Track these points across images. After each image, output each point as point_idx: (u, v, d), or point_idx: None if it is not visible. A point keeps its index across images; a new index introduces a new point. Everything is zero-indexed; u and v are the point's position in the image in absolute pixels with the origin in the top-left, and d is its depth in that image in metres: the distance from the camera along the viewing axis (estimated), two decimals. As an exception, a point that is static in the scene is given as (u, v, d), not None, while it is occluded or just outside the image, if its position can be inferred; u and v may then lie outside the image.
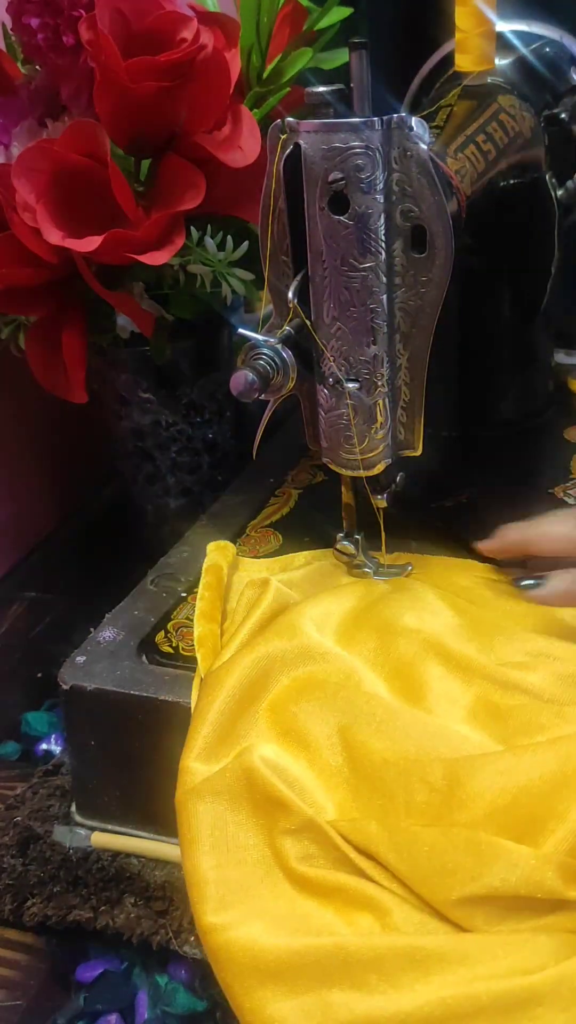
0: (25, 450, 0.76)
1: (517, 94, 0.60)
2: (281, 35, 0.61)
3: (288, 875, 0.40)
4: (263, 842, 0.41)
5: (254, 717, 0.44)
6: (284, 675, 0.46)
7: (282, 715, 0.44)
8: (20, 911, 0.51)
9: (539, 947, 0.36)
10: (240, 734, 0.44)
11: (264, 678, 0.45)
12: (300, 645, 0.47)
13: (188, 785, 0.42)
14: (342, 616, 0.50)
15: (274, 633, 0.47)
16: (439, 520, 0.60)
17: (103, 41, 0.52)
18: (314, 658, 0.47)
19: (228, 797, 0.41)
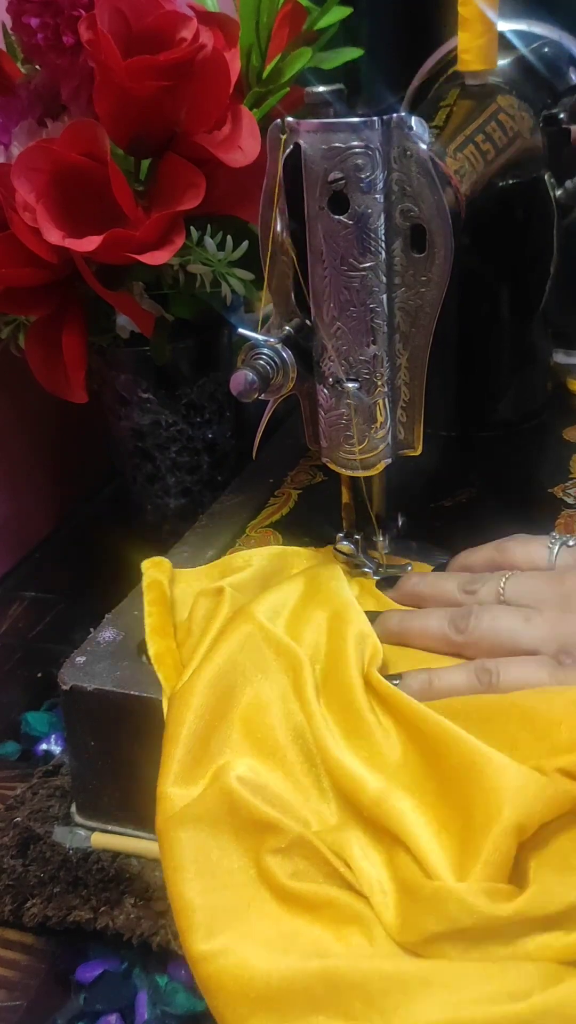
0: (25, 450, 0.76)
1: (516, 94, 0.60)
2: (281, 35, 0.61)
3: (277, 894, 0.39)
4: (249, 864, 0.40)
5: (227, 732, 0.44)
6: (250, 686, 0.45)
7: (254, 727, 0.44)
8: (20, 912, 0.51)
9: (525, 973, 0.35)
10: (215, 752, 0.43)
11: (231, 691, 0.45)
12: (258, 645, 0.46)
13: (168, 812, 0.41)
14: (293, 605, 0.50)
15: (233, 640, 0.46)
16: (438, 520, 0.60)
17: (103, 41, 0.52)
18: (273, 661, 0.46)
19: (209, 823, 0.40)
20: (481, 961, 0.36)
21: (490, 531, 0.57)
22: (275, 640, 0.46)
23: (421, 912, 0.37)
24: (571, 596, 0.46)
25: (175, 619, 0.52)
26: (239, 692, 0.45)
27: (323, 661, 0.47)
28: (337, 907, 0.39)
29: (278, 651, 0.46)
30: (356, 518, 0.55)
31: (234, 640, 0.46)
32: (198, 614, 0.50)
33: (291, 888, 0.39)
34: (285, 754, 0.43)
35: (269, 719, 0.44)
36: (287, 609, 0.50)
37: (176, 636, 0.51)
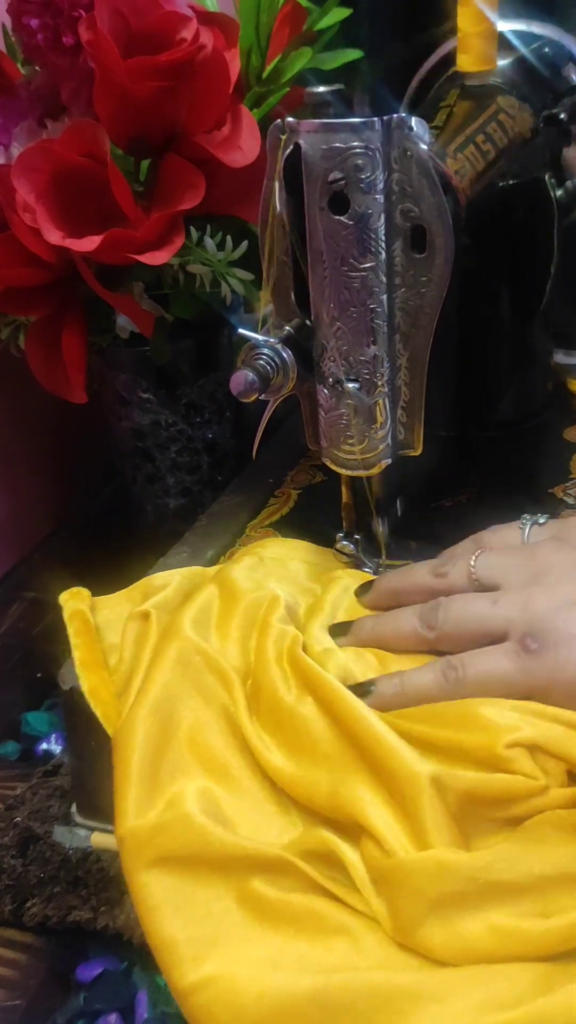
0: (25, 450, 0.76)
1: (516, 94, 0.60)
2: (281, 35, 0.61)
3: (257, 915, 0.39)
4: (225, 892, 0.40)
5: (175, 758, 0.43)
6: (189, 710, 0.45)
7: (202, 749, 0.44)
8: (20, 912, 0.51)
9: (515, 979, 0.35)
10: (166, 780, 0.43)
11: (171, 717, 0.44)
12: (190, 665, 0.46)
13: (132, 853, 0.41)
14: (217, 611, 0.49)
15: (166, 664, 0.46)
16: (439, 520, 0.60)
17: (103, 41, 0.52)
18: (207, 679, 0.46)
19: (179, 860, 0.40)
20: (474, 965, 0.36)
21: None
22: (206, 656, 0.46)
23: (394, 895, 0.38)
24: (542, 570, 0.45)
25: (103, 645, 0.51)
26: (179, 717, 0.44)
27: (253, 673, 0.46)
28: (320, 918, 0.38)
29: (211, 668, 0.46)
30: (356, 518, 0.55)
31: (167, 664, 0.46)
32: (128, 639, 0.50)
33: (271, 906, 0.39)
34: (238, 773, 0.43)
35: (213, 739, 0.44)
36: (212, 617, 0.49)
37: (108, 663, 0.50)
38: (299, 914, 0.39)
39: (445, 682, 0.43)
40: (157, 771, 0.43)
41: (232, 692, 0.45)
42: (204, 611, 0.49)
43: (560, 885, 0.37)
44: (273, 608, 0.48)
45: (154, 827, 0.40)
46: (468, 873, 0.37)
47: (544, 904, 0.36)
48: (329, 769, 0.41)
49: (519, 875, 0.37)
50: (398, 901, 0.37)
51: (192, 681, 0.45)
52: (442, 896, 0.37)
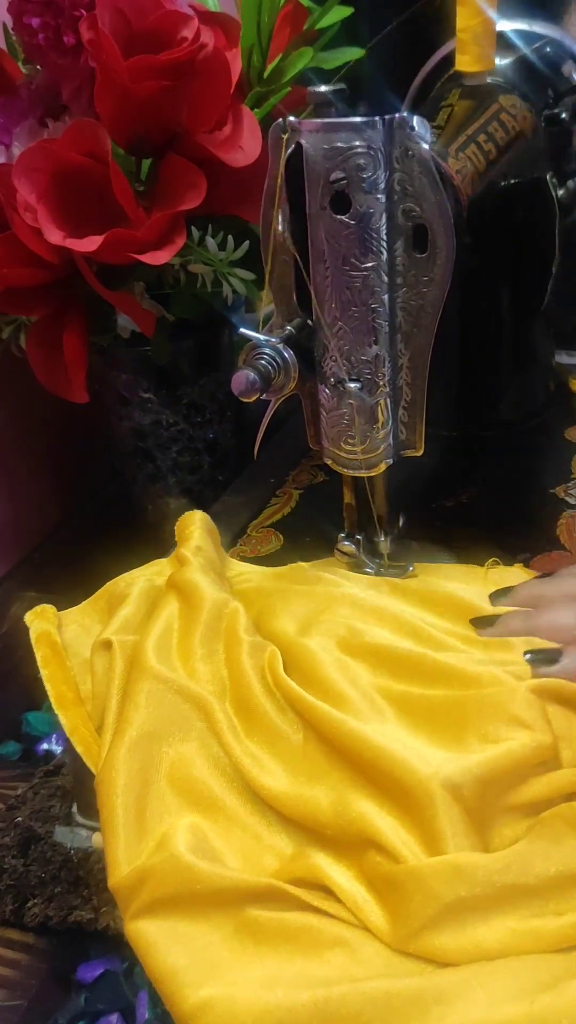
0: (26, 450, 0.76)
1: (518, 93, 0.60)
2: (282, 34, 0.61)
3: (254, 938, 0.39)
4: (220, 922, 0.39)
5: (159, 799, 0.43)
6: (169, 746, 0.44)
7: (186, 785, 0.43)
8: (21, 912, 0.51)
9: (519, 977, 0.35)
10: (152, 823, 0.42)
11: (150, 758, 0.44)
12: (163, 701, 0.45)
13: (126, 903, 0.40)
14: (178, 631, 0.49)
15: (139, 703, 0.45)
16: (440, 520, 0.60)
17: (104, 41, 0.52)
18: (183, 711, 0.45)
19: (171, 902, 0.40)
20: (475, 965, 0.36)
21: (491, 531, 0.57)
22: (178, 687, 0.45)
23: (405, 900, 0.37)
24: None
25: (75, 663, 0.51)
26: (159, 755, 0.44)
27: (230, 692, 0.46)
28: (314, 932, 0.38)
29: (185, 698, 0.45)
30: (357, 518, 0.55)
31: (139, 703, 0.45)
32: (98, 671, 0.49)
33: (265, 928, 0.39)
34: (224, 802, 0.43)
35: (197, 772, 0.43)
36: (174, 637, 0.48)
37: (81, 691, 0.50)
38: (293, 932, 0.38)
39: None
40: (142, 815, 0.42)
41: (211, 717, 0.45)
42: (166, 630, 0.48)
43: (572, 885, 0.37)
44: (236, 620, 0.48)
45: (144, 873, 0.40)
46: (485, 877, 0.37)
47: (557, 903, 0.37)
48: (329, 786, 0.41)
49: (535, 878, 0.37)
50: (409, 905, 0.37)
51: (167, 716, 0.45)
52: (459, 900, 0.36)
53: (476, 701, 0.42)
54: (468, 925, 0.37)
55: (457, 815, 0.38)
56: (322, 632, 0.47)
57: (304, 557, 0.58)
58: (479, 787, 0.39)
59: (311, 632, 0.47)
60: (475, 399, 0.68)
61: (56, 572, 0.76)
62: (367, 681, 0.45)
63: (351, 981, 0.36)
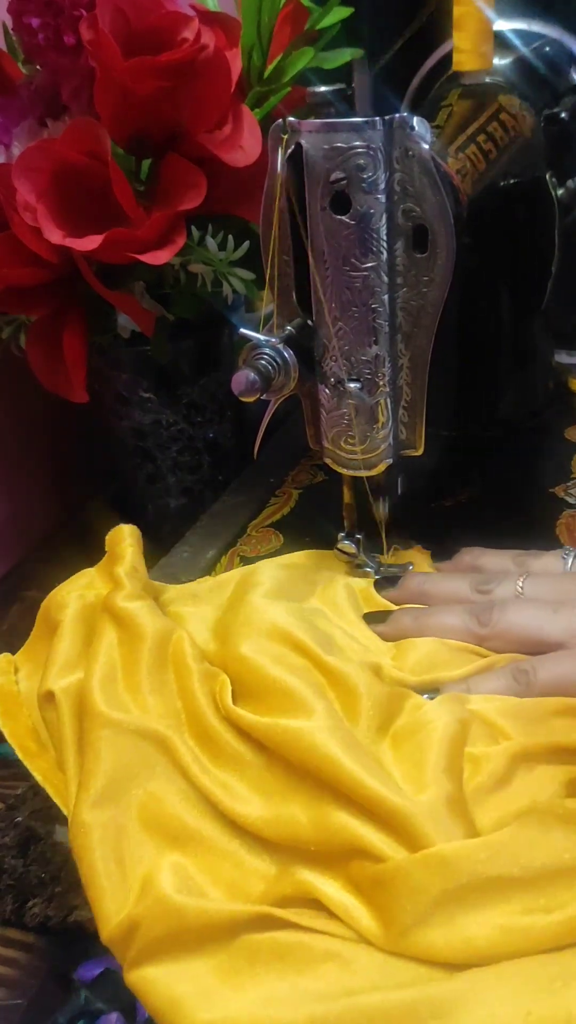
0: (25, 450, 0.76)
1: (517, 93, 0.60)
2: (282, 34, 0.61)
3: (249, 960, 0.39)
4: (214, 950, 0.39)
5: (135, 844, 0.42)
6: (136, 788, 0.43)
7: (160, 823, 0.43)
8: (21, 912, 0.51)
9: (513, 984, 0.35)
10: (131, 868, 0.42)
11: (119, 805, 0.43)
12: (120, 746, 0.44)
13: (121, 955, 0.40)
14: (121, 664, 0.48)
15: (99, 751, 0.44)
16: (439, 520, 0.60)
17: (104, 41, 0.52)
18: (143, 750, 0.44)
19: (165, 942, 0.39)
20: (474, 973, 0.36)
21: (491, 531, 0.57)
22: (134, 728, 0.45)
23: (393, 897, 0.37)
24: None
25: (33, 711, 0.50)
26: (128, 800, 0.43)
27: (187, 723, 0.45)
28: (305, 948, 0.38)
29: (143, 737, 0.45)
30: (357, 518, 0.55)
31: (98, 752, 0.44)
32: (49, 724, 0.49)
33: (258, 950, 0.39)
34: (201, 834, 0.42)
35: (169, 809, 0.43)
36: (119, 672, 0.47)
37: (41, 735, 0.49)
38: (285, 950, 0.38)
39: (516, 685, 0.44)
40: (122, 864, 0.42)
41: (173, 752, 0.44)
42: (109, 667, 0.47)
43: (562, 878, 0.37)
44: (182, 648, 0.47)
45: (134, 922, 0.40)
46: (471, 868, 0.36)
47: (546, 899, 0.36)
48: (304, 802, 0.41)
49: (521, 869, 0.37)
50: (400, 901, 0.37)
51: (128, 760, 0.44)
52: (445, 893, 0.36)
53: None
54: (458, 921, 0.36)
55: (450, 824, 0.38)
56: (250, 634, 0.47)
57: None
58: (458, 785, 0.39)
59: (238, 640, 0.47)
60: (475, 399, 0.68)
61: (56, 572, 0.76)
62: (302, 664, 0.45)
63: (347, 994, 0.36)
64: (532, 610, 0.46)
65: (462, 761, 0.41)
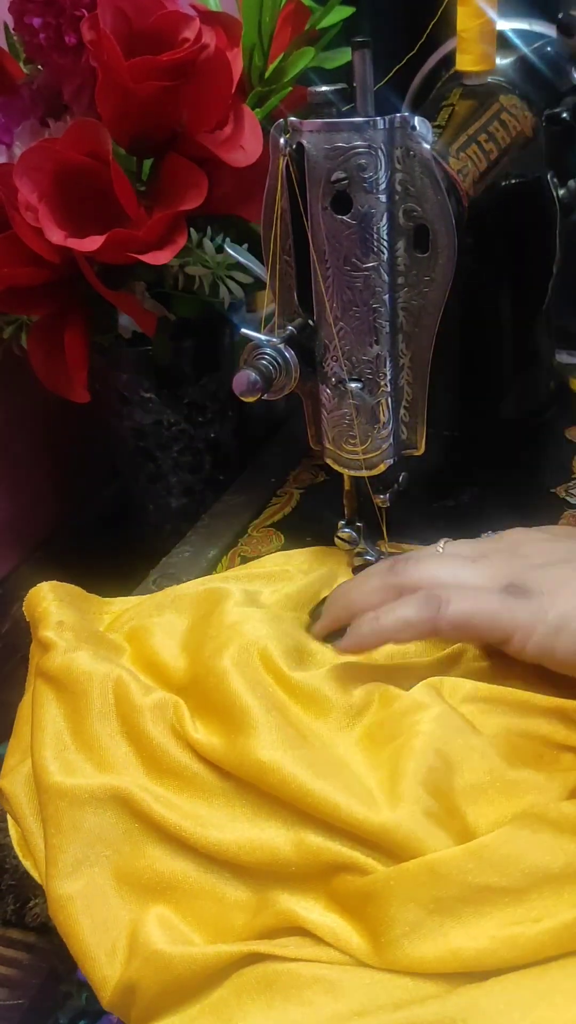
0: (27, 449, 0.76)
1: (519, 93, 0.60)
2: (283, 34, 0.61)
3: (238, 994, 0.38)
4: (210, 990, 0.39)
5: (117, 906, 0.42)
6: (104, 855, 0.43)
7: (135, 881, 0.42)
8: (22, 912, 0.51)
9: (498, 1004, 0.35)
10: (120, 931, 0.41)
11: (89, 872, 0.42)
12: (81, 819, 0.43)
13: (126, 1016, 0.40)
14: (69, 729, 0.46)
15: (55, 826, 0.43)
16: (441, 520, 0.60)
17: (105, 41, 0.52)
18: (104, 817, 0.43)
19: (164, 995, 0.39)
20: (461, 968, 0.36)
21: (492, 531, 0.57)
22: (88, 792, 0.43)
23: (381, 909, 0.37)
24: (514, 547, 0.45)
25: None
26: (99, 864, 0.43)
27: (144, 764, 0.44)
28: (292, 975, 0.38)
29: (100, 798, 0.43)
30: (358, 506, 0.55)
31: (60, 826, 0.43)
32: (14, 811, 0.47)
33: (245, 981, 0.38)
34: (176, 877, 0.42)
35: (141, 861, 0.42)
36: (66, 734, 0.46)
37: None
38: (272, 979, 0.38)
39: (427, 611, 0.41)
40: (107, 928, 0.41)
41: (133, 801, 0.43)
42: (55, 733, 0.46)
43: (548, 886, 0.36)
44: (126, 688, 0.46)
45: (131, 985, 0.39)
46: (460, 877, 0.36)
47: (535, 907, 0.36)
48: (280, 823, 0.40)
49: (508, 878, 0.36)
50: (389, 912, 0.37)
51: (89, 824, 0.43)
52: (434, 901, 0.36)
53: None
54: (447, 930, 0.36)
55: (434, 833, 0.38)
56: (225, 646, 0.45)
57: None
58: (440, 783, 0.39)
59: (213, 653, 0.45)
60: (476, 399, 0.68)
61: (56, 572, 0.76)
62: (267, 681, 0.44)
63: (336, 1019, 0.36)
64: (450, 561, 0.45)
65: (447, 771, 0.40)
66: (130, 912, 0.41)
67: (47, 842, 0.43)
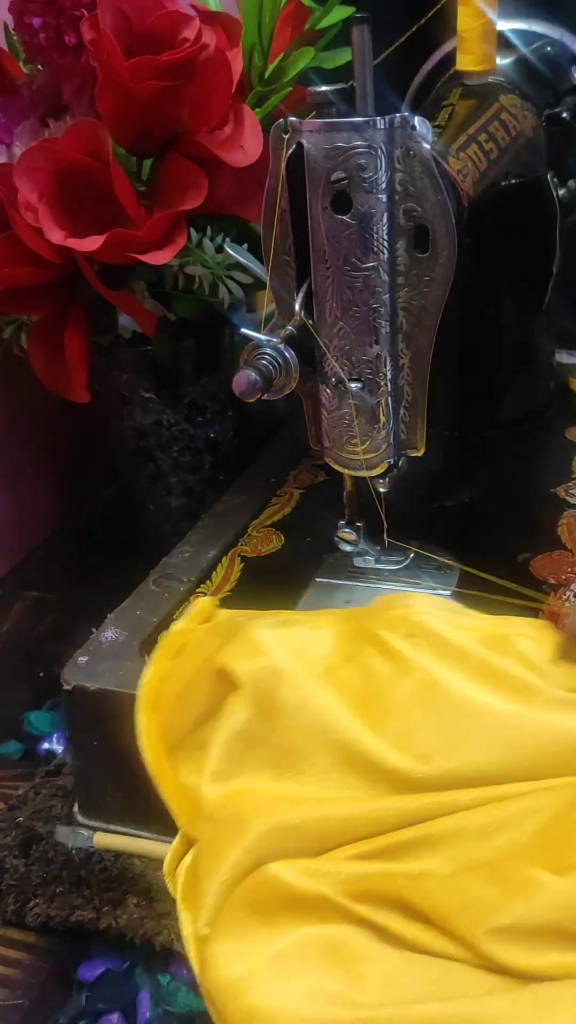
0: (27, 450, 0.76)
1: (519, 93, 0.60)
2: (283, 34, 0.61)
3: (298, 952, 0.39)
4: (286, 929, 0.40)
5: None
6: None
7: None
8: (23, 912, 0.51)
9: (570, 1007, 0.35)
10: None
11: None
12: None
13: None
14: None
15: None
16: (441, 520, 0.60)
17: (105, 41, 0.52)
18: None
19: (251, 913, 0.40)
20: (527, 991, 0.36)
21: (492, 531, 0.57)
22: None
23: (503, 894, 0.37)
24: None
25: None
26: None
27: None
28: (358, 948, 0.38)
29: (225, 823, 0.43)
30: (358, 506, 0.55)
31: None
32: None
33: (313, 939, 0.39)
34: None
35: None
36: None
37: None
38: (339, 944, 0.38)
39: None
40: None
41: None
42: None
43: None
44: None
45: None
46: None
47: None
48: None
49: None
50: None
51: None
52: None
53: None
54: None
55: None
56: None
57: (305, 557, 0.59)
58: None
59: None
60: (476, 399, 0.68)
61: (56, 572, 0.76)
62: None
63: (398, 1004, 0.36)
64: None
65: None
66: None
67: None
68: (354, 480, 0.53)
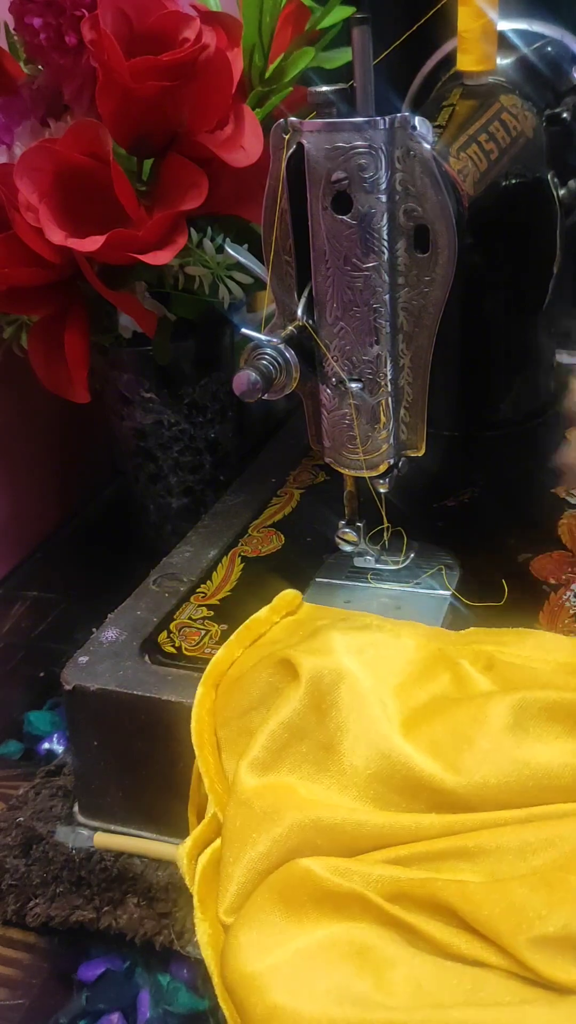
0: (27, 450, 0.76)
1: (519, 93, 0.60)
2: (283, 34, 0.61)
3: (325, 952, 0.38)
4: (313, 926, 0.39)
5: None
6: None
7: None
8: (23, 912, 0.51)
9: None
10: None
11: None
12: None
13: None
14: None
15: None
16: (441, 520, 0.60)
17: (105, 41, 0.52)
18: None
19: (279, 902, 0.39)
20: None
21: (492, 531, 0.57)
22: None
23: (548, 901, 0.36)
24: None
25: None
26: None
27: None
28: (386, 952, 0.38)
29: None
30: (358, 506, 0.55)
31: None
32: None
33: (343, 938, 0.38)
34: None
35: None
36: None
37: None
38: (366, 947, 0.38)
39: None
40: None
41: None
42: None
43: None
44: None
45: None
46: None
47: None
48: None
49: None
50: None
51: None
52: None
53: None
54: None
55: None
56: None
57: (306, 557, 0.59)
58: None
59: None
60: (476, 399, 0.68)
61: (56, 572, 0.76)
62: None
63: (430, 1007, 0.35)
64: None
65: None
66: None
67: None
68: (354, 480, 0.53)
